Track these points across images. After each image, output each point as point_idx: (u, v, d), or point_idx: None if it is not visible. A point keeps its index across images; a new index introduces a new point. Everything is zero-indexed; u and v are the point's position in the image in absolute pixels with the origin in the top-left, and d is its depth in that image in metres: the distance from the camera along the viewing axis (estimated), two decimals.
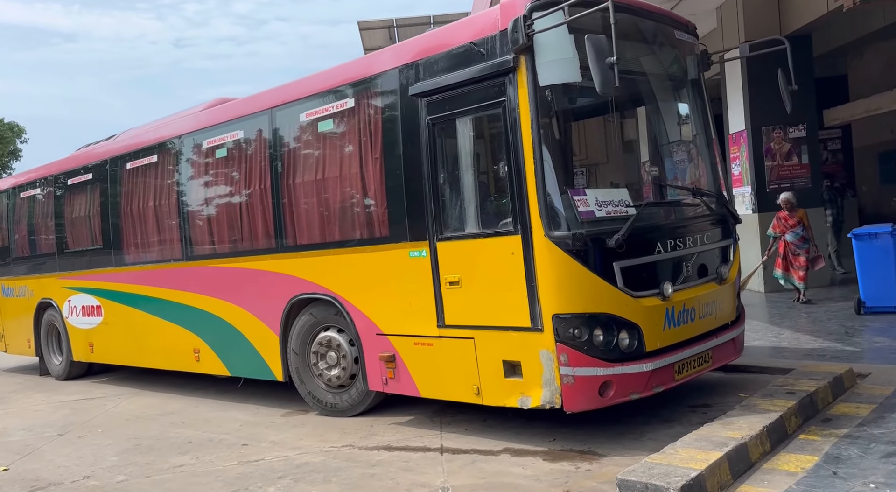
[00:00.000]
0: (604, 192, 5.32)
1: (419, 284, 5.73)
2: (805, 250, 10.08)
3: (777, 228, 10.24)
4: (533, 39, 4.94)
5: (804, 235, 10.10)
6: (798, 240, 10.09)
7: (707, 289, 5.72)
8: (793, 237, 10.12)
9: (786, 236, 10.15)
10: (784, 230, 10.15)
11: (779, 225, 10.22)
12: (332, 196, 6.48)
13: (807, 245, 10.09)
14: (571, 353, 4.93)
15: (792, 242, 10.12)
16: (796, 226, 10.10)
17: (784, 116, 11.66)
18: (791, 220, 10.13)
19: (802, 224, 10.11)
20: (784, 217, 10.18)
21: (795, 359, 6.92)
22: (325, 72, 6.75)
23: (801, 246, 10.08)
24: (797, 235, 10.08)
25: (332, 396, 6.69)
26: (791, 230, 10.11)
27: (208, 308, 7.87)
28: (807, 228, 10.13)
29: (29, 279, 11.38)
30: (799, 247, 10.10)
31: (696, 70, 6.33)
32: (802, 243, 10.09)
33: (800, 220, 10.11)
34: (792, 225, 10.12)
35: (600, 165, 7.00)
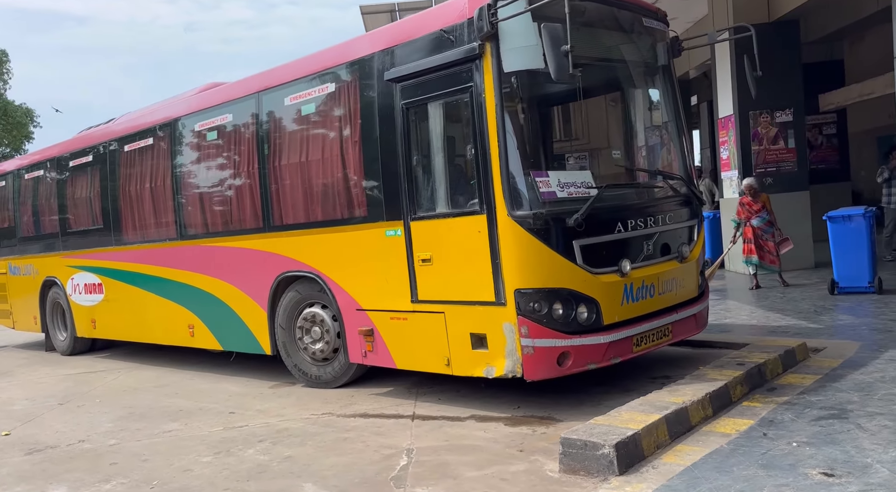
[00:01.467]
0: (567, 174, 5.63)
1: (395, 261, 6.04)
2: (771, 234, 10.27)
3: (741, 214, 10.38)
4: (497, 27, 5.21)
5: (769, 218, 10.24)
6: (764, 224, 10.24)
7: (668, 267, 6.01)
8: (759, 222, 10.25)
9: (752, 222, 10.28)
10: (749, 216, 10.28)
11: (743, 211, 10.36)
12: (315, 178, 6.79)
13: (772, 229, 10.26)
14: (531, 325, 5.24)
15: (759, 226, 10.26)
16: (761, 211, 10.24)
17: (771, 101, 11.97)
18: (755, 205, 10.27)
19: (766, 209, 10.25)
20: (748, 203, 10.32)
21: (760, 335, 7.21)
22: (307, 57, 7.03)
23: (768, 230, 10.25)
24: (763, 219, 10.22)
25: (317, 368, 7.05)
26: (756, 215, 10.25)
27: (201, 285, 8.22)
28: (770, 213, 10.26)
29: (34, 258, 11.79)
30: (765, 231, 10.25)
31: (665, 56, 6.57)
32: (768, 228, 10.25)
33: (763, 204, 10.26)
34: (756, 210, 10.25)
35: (568, 148, 7.24)
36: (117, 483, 4.91)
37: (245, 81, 7.73)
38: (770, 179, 11.99)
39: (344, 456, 4.97)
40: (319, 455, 5.04)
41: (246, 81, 7.71)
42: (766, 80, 11.71)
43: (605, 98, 6.95)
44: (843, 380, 5.36)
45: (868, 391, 5.02)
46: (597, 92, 6.82)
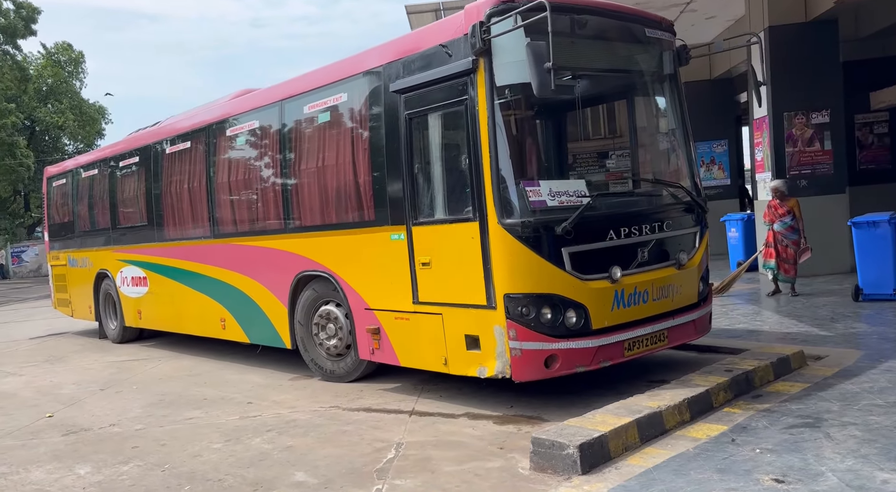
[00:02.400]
0: (559, 183, 5.82)
1: (399, 264, 6.35)
2: (794, 241, 9.92)
3: (767, 218, 10.20)
4: (490, 43, 5.44)
5: (793, 224, 9.91)
6: (786, 229, 9.96)
7: (664, 273, 6.14)
8: (781, 226, 9.99)
9: (774, 226, 10.08)
10: (773, 219, 10.07)
11: (769, 214, 10.16)
12: (330, 182, 7.16)
13: (796, 236, 9.92)
14: (519, 329, 5.48)
15: (780, 231, 10.00)
16: (786, 215, 9.94)
17: (807, 102, 11.83)
18: (781, 209, 10.00)
19: (793, 214, 9.92)
20: (774, 205, 10.08)
21: (769, 341, 7.26)
22: (325, 67, 7.40)
23: (790, 236, 9.92)
24: (785, 224, 9.95)
25: (332, 363, 7.43)
26: (780, 219, 9.99)
27: (231, 282, 8.71)
28: (797, 218, 9.93)
29: (89, 252, 12.55)
30: (787, 237, 9.96)
31: (671, 65, 6.68)
32: (791, 233, 9.93)
33: (790, 209, 9.93)
34: (781, 214, 9.98)
35: (565, 157, 7.39)
36: (134, 465, 5.37)
37: (270, 90, 8.15)
38: (805, 181, 11.86)
39: (339, 448, 5.31)
40: (317, 446, 5.40)
41: (271, 90, 8.13)
42: (802, 80, 11.74)
43: (605, 108, 7.10)
44: (830, 389, 5.43)
45: (850, 401, 5.09)
46: (597, 102, 6.99)
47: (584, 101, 6.50)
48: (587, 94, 6.47)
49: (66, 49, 46.10)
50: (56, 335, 13.89)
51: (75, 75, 46.97)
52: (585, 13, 5.81)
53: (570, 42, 5.82)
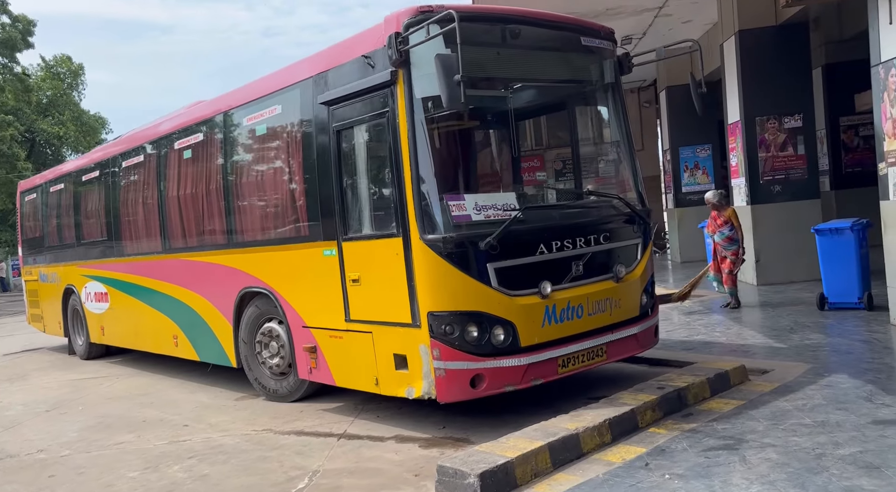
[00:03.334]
0: (486, 196, 5.65)
1: (332, 280, 6.18)
2: (732, 252, 9.60)
3: (710, 229, 9.85)
4: (409, 54, 5.28)
5: (731, 235, 9.56)
6: (724, 240, 9.59)
7: (600, 287, 5.95)
8: (719, 237, 9.64)
9: (714, 236, 9.76)
10: (714, 230, 9.72)
11: (711, 225, 9.80)
12: (268, 197, 7.01)
13: (735, 246, 9.59)
14: (443, 348, 5.30)
15: (719, 242, 9.67)
16: (723, 226, 9.57)
17: (779, 107, 11.62)
18: (719, 219, 9.62)
19: (731, 223, 9.56)
20: (713, 216, 9.71)
21: (720, 354, 7.06)
22: (263, 78, 7.25)
23: (728, 247, 9.59)
24: (723, 235, 9.58)
25: (275, 382, 7.26)
26: (718, 230, 9.62)
27: (182, 298, 8.56)
28: (736, 228, 9.57)
29: (57, 267, 12.45)
30: (726, 248, 9.61)
31: (612, 74, 6.51)
32: (729, 244, 9.58)
33: (728, 219, 9.57)
34: (719, 225, 9.61)
35: (497, 170, 7.21)
36: None
37: (213, 102, 8.02)
38: (778, 186, 11.64)
39: (253, 476, 5.13)
40: (233, 475, 5.22)
41: (214, 102, 8.00)
42: (773, 85, 11.53)
43: (541, 119, 6.92)
44: (763, 407, 5.22)
45: (778, 420, 4.88)
46: (532, 113, 6.81)
47: (519, 113, 6.33)
48: (520, 106, 6.30)
49: (66, 61, 46.34)
50: (31, 351, 13.79)
51: (74, 87, 47.26)
52: (510, 22, 5.63)
53: (496, 53, 5.66)
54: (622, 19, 12.75)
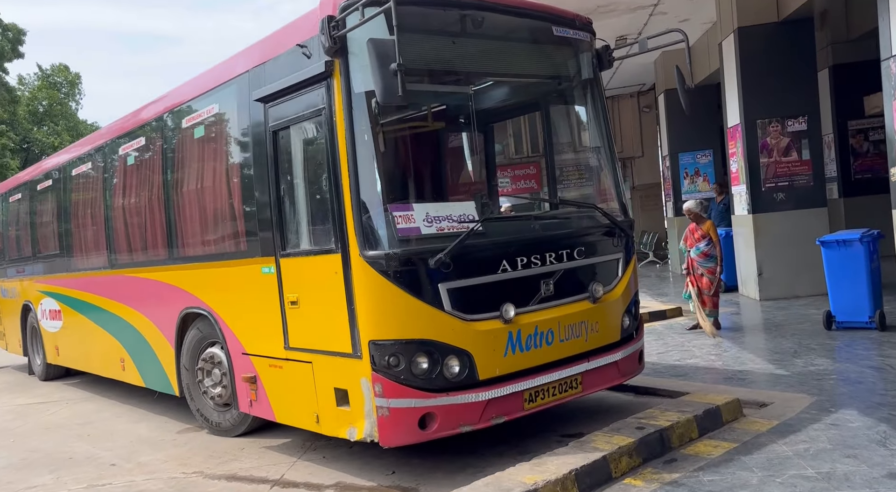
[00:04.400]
0: (440, 206, 4.90)
1: (270, 302, 5.44)
2: (709, 269, 8.56)
3: (687, 242, 8.81)
4: (345, 41, 4.56)
5: (708, 250, 8.54)
6: (700, 256, 8.58)
7: (573, 309, 5.20)
8: (695, 253, 8.63)
9: (690, 252, 8.73)
10: (692, 244, 8.71)
11: (689, 238, 8.78)
12: (205, 206, 6.29)
13: (712, 263, 8.56)
14: (386, 383, 4.55)
15: (694, 257, 8.65)
16: (700, 240, 8.57)
17: (782, 109, 10.85)
18: (696, 233, 8.63)
19: (709, 238, 8.55)
20: (692, 229, 8.73)
21: (715, 381, 6.30)
22: (203, 73, 6.52)
23: (705, 263, 8.56)
24: (699, 250, 8.57)
25: (218, 414, 6.50)
26: (695, 244, 8.63)
27: (127, 318, 7.83)
28: (713, 243, 8.55)
29: (15, 281, 11.75)
30: (702, 265, 8.59)
31: (589, 69, 5.77)
32: (705, 260, 8.56)
33: (706, 233, 8.56)
34: (697, 239, 8.61)
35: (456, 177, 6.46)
36: None
37: (155, 102, 7.30)
38: (782, 194, 10.86)
39: None
40: None
41: (156, 102, 7.27)
42: (776, 85, 10.77)
43: (506, 119, 6.16)
44: (758, 451, 4.45)
45: (775, 471, 4.11)
46: (498, 112, 6.06)
47: (482, 113, 5.58)
48: (484, 104, 5.56)
49: (63, 70, 45.95)
50: None
51: (71, 96, 46.83)
52: (469, 8, 4.90)
53: (450, 42, 4.93)
54: (615, 17, 12.02)
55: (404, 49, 4.08)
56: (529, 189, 6.16)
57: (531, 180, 6.14)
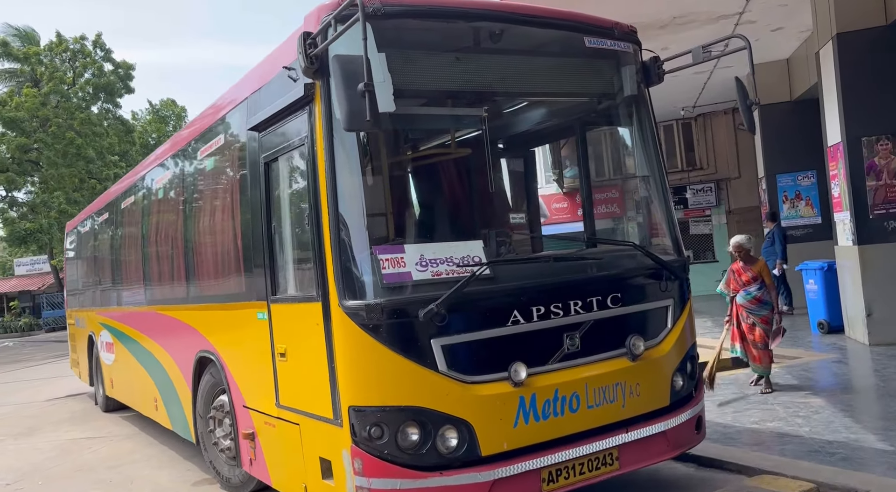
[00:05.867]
0: (439, 247, 4.17)
1: (264, 351, 4.87)
2: (762, 318, 7.18)
3: (731, 285, 7.42)
4: (327, 61, 3.95)
5: (760, 295, 7.19)
6: (751, 302, 7.20)
7: (605, 368, 4.34)
8: (744, 299, 7.24)
9: (736, 298, 7.34)
10: (738, 289, 7.34)
11: (733, 281, 7.39)
12: (215, 243, 5.85)
13: (766, 310, 7.20)
14: (367, 458, 3.85)
15: (743, 304, 7.26)
16: (751, 283, 7.20)
17: (892, 124, 9.46)
18: (745, 274, 7.26)
19: (761, 281, 7.22)
20: (737, 270, 7.35)
21: (793, 455, 5.21)
22: (214, 103, 6.11)
23: (757, 311, 7.19)
24: (750, 295, 7.20)
25: (228, 469, 5.97)
26: (744, 288, 7.25)
27: (157, 356, 7.53)
28: (767, 287, 7.24)
29: (83, 312, 11.89)
30: (753, 312, 7.21)
31: (632, 85, 4.92)
32: (758, 308, 7.19)
33: (757, 274, 7.23)
34: (745, 281, 7.24)
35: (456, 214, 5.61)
36: None
37: (182, 132, 6.96)
38: (894, 222, 9.43)
39: None
40: None
41: (182, 132, 6.94)
42: (884, 98, 9.43)
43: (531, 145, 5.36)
44: None
45: None
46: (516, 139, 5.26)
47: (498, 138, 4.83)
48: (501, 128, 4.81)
49: (170, 104, 48.41)
50: (73, 397, 13.27)
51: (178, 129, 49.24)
52: (473, 18, 4.20)
53: (453, 58, 4.25)
54: (696, 29, 10.97)
55: (393, 67, 3.44)
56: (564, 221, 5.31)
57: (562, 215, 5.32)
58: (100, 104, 37.06)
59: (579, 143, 5.11)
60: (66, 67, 35.98)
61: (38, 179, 35.74)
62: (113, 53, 36.81)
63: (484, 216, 5.36)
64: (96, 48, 36.12)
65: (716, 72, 13.50)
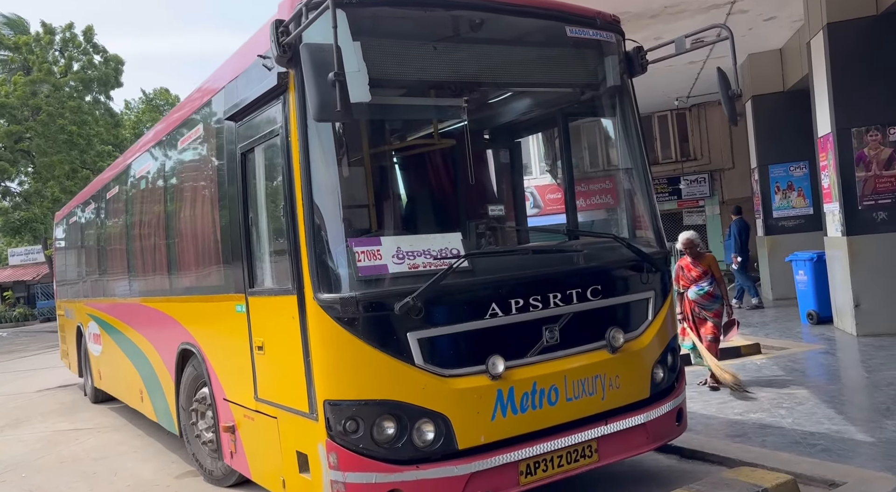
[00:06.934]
0: (417, 239, 4.13)
1: (244, 344, 4.83)
2: (714, 312, 7.18)
3: (681, 282, 7.35)
4: (299, 49, 3.89)
5: (712, 290, 7.17)
6: (704, 297, 7.18)
7: (584, 360, 4.32)
8: (696, 294, 7.22)
9: (688, 293, 7.30)
10: (687, 284, 7.31)
11: (682, 277, 7.33)
12: (195, 234, 5.81)
13: (717, 304, 7.20)
14: (342, 452, 3.83)
15: (695, 300, 7.23)
16: (701, 278, 7.18)
17: (882, 115, 9.43)
18: (695, 270, 7.23)
19: (711, 275, 7.20)
20: (686, 266, 7.30)
21: (774, 446, 5.20)
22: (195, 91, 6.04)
23: (709, 306, 7.19)
24: (703, 290, 7.17)
25: (211, 461, 5.95)
26: (695, 284, 7.23)
27: (142, 347, 7.49)
28: (718, 282, 7.22)
29: (72, 303, 11.83)
30: (706, 307, 7.21)
31: (615, 75, 4.87)
32: (710, 302, 7.18)
33: (707, 269, 7.20)
34: (696, 277, 7.21)
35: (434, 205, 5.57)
36: None
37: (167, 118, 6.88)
38: (883, 213, 9.41)
39: None
40: None
41: (167, 118, 6.86)
42: (874, 88, 9.39)
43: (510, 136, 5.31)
44: None
45: None
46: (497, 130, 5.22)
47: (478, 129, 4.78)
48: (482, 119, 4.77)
49: (164, 93, 48.12)
50: (64, 388, 13.21)
51: None
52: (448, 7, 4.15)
53: (430, 48, 4.20)
54: (687, 19, 10.88)
55: (369, 56, 3.40)
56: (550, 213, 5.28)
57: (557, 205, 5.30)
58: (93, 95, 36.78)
59: (561, 134, 5.07)
60: (56, 57, 35.71)
61: (31, 169, 35.54)
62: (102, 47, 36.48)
63: (463, 208, 5.32)
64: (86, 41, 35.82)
65: (709, 62, 13.44)
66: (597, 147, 5.08)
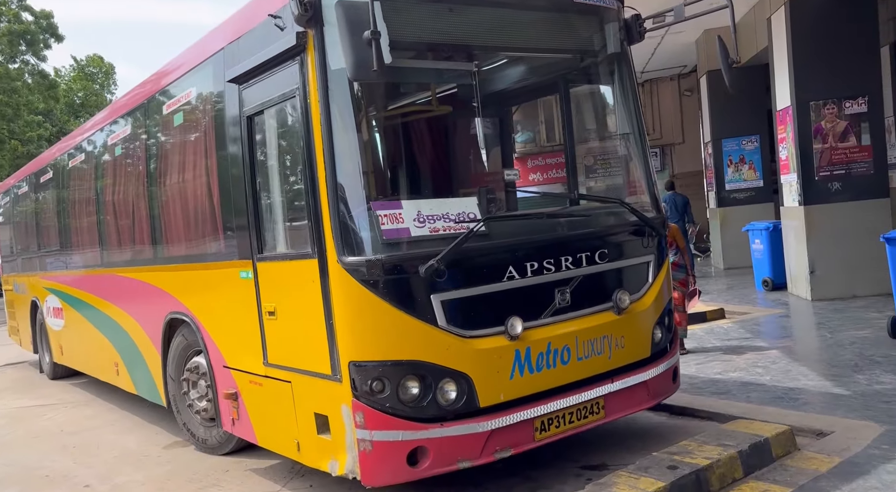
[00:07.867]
0: (435, 203, 4.18)
1: (249, 311, 4.79)
2: (680, 281, 7.12)
3: None
4: (319, 7, 3.85)
5: (677, 259, 7.11)
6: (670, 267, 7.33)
7: (594, 321, 4.45)
8: None
9: None
10: None
11: None
12: (187, 201, 5.68)
13: (682, 273, 7.21)
14: (368, 411, 3.87)
15: None
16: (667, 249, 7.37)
17: (839, 89, 9.83)
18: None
19: (675, 246, 7.10)
20: None
21: (761, 402, 5.47)
22: (185, 50, 5.86)
23: (675, 276, 7.02)
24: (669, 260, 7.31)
25: (204, 430, 5.91)
26: None
27: (119, 320, 7.30)
28: (681, 252, 7.21)
29: (25, 277, 11.41)
30: (672, 277, 7.02)
31: (615, 42, 4.96)
32: (676, 272, 7.04)
33: (672, 240, 6.86)
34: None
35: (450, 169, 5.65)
36: None
37: (146, 81, 6.66)
38: (838, 184, 9.86)
39: None
40: None
41: (146, 81, 6.64)
42: (832, 63, 9.77)
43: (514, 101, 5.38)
44: None
45: None
46: (508, 94, 5.27)
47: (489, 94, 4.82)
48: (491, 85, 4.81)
49: (97, 61, 46.13)
50: (13, 365, 12.75)
51: (106, 87, 47.00)
52: None
53: (447, 10, 4.20)
54: None
55: (388, 16, 3.38)
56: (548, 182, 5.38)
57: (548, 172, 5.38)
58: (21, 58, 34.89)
59: (563, 100, 5.15)
60: None
61: None
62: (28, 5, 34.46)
63: (478, 173, 5.37)
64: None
65: (667, 37, 13.67)
66: (598, 114, 5.16)
